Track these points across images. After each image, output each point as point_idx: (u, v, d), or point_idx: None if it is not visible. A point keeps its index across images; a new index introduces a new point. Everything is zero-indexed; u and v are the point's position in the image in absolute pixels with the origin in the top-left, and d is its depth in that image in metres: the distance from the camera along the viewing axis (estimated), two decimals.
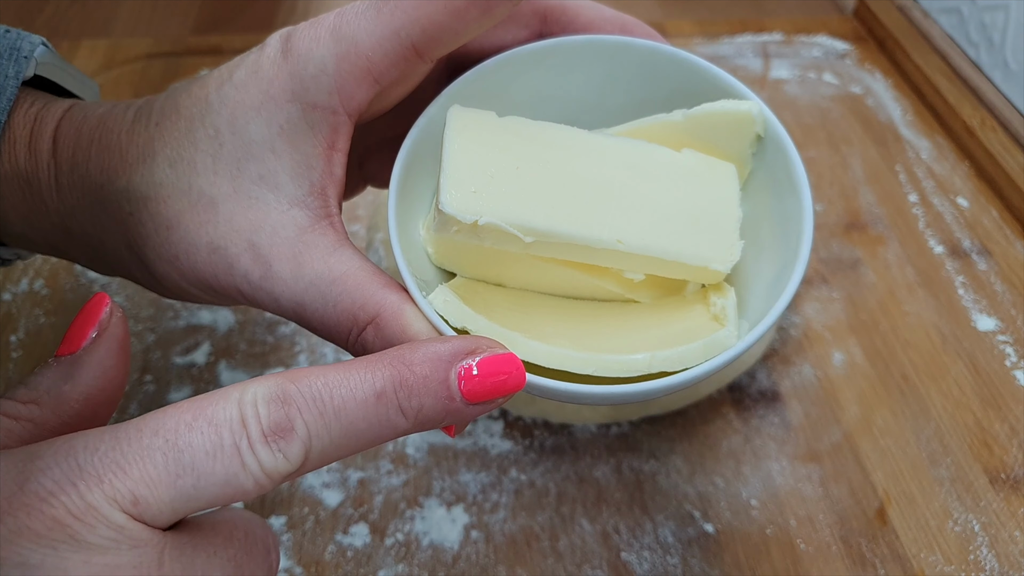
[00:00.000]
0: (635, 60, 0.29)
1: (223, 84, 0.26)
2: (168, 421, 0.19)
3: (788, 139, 0.27)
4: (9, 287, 0.44)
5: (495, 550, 0.35)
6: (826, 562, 0.35)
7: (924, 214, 0.50)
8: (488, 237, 0.25)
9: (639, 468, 0.38)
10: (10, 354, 0.41)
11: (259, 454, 0.19)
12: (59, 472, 0.18)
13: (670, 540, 0.36)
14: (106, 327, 0.23)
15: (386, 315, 0.24)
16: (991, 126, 0.54)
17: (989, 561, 0.35)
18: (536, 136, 0.27)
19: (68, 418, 0.22)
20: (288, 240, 0.25)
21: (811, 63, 0.62)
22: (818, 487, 0.37)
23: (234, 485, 0.19)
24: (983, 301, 0.45)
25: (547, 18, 0.29)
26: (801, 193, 0.26)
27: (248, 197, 0.25)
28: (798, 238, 0.26)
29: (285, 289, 0.25)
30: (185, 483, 0.19)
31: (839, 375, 0.42)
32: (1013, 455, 0.39)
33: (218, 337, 0.42)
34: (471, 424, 0.39)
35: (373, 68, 0.25)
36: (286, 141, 0.25)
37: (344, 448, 0.21)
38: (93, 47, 0.59)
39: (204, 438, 0.19)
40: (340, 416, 0.20)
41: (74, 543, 0.18)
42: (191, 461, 0.19)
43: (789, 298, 0.25)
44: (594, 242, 0.25)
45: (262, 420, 0.20)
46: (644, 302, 0.28)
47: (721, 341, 0.25)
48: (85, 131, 0.27)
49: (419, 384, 0.21)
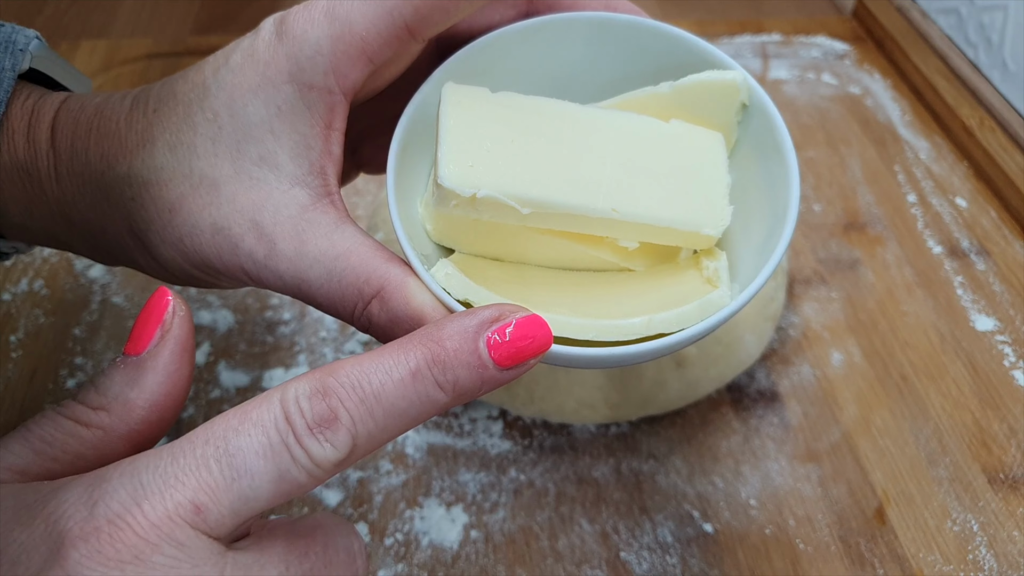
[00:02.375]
0: (622, 35, 0.30)
1: (219, 69, 0.26)
2: (217, 430, 0.20)
3: (773, 106, 0.28)
4: (8, 287, 0.44)
5: (494, 550, 0.35)
6: (825, 562, 0.35)
7: (923, 214, 0.50)
8: (486, 210, 0.26)
9: (638, 468, 0.38)
10: (10, 354, 0.41)
11: (308, 447, 0.20)
12: (125, 494, 0.19)
13: (669, 540, 0.36)
14: (169, 328, 0.23)
15: (390, 288, 0.25)
16: (989, 126, 0.54)
17: (988, 561, 0.35)
18: (529, 110, 0.27)
19: (135, 424, 0.23)
20: (291, 219, 0.25)
21: (810, 63, 0.62)
22: (817, 487, 0.38)
23: (288, 480, 0.20)
24: (982, 301, 0.45)
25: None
26: (787, 157, 0.27)
27: (249, 178, 0.26)
28: (785, 201, 0.26)
29: (289, 266, 0.25)
30: (241, 485, 0.20)
31: (838, 375, 0.42)
32: (1012, 455, 0.39)
33: (217, 337, 0.42)
34: (470, 424, 0.39)
35: (367, 48, 0.25)
36: (284, 122, 0.25)
37: (390, 429, 0.21)
38: (92, 47, 0.59)
39: (253, 440, 0.20)
40: (381, 399, 0.21)
41: (140, 564, 0.19)
42: (243, 463, 0.20)
43: (778, 260, 0.25)
44: (589, 211, 0.26)
45: (306, 415, 0.20)
46: (638, 270, 0.29)
47: (715, 302, 0.25)
48: (83, 120, 0.27)
49: (451, 358, 0.22)
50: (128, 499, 0.19)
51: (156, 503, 0.19)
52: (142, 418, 0.23)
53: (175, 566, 0.19)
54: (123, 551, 0.19)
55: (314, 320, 0.43)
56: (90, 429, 0.22)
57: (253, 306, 0.44)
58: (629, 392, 0.39)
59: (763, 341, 0.42)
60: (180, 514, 0.19)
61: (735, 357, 0.41)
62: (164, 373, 0.23)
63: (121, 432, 0.23)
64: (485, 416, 0.40)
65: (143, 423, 0.23)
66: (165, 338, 0.23)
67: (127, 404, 0.23)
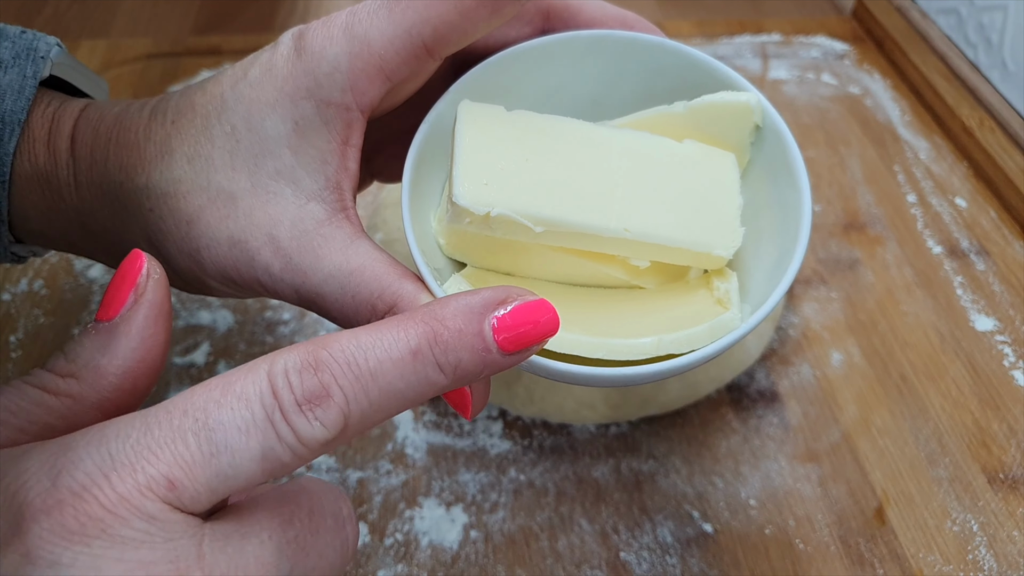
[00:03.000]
0: (637, 55, 0.30)
1: (238, 82, 0.26)
2: (197, 400, 0.19)
3: (786, 129, 0.28)
4: (8, 287, 0.44)
5: (494, 550, 0.35)
6: (825, 562, 0.35)
7: (922, 214, 0.50)
8: (499, 228, 0.26)
9: (638, 468, 0.38)
10: (9, 354, 0.41)
11: (294, 424, 0.19)
12: (91, 464, 0.18)
13: (669, 540, 0.36)
14: (143, 291, 0.22)
15: (403, 304, 0.25)
16: (989, 126, 0.54)
17: (987, 561, 0.35)
18: (544, 129, 0.27)
19: (107, 392, 0.21)
20: (307, 233, 0.26)
21: (810, 63, 0.62)
22: (817, 487, 0.38)
23: (271, 459, 0.19)
24: (981, 301, 0.45)
25: (550, 15, 0.30)
26: (799, 180, 0.27)
27: (266, 192, 0.26)
28: (797, 224, 0.26)
29: (305, 281, 0.26)
30: (220, 462, 0.18)
31: (838, 375, 0.42)
32: (1011, 455, 0.39)
33: (217, 337, 0.42)
34: (470, 424, 0.39)
35: (385, 66, 0.25)
36: (301, 137, 0.26)
37: (384, 410, 0.20)
38: (92, 47, 0.59)
39: (235, 414, 0.19)
40: (377, 378, 0.20)
41: (107, 538, 0.17)
42: (224, 439, 0.18)
43: (789, 282, 0.25)
44: (601, 231, 0.26)
45: (295, 389, 0.19)
46: (649, 288, 0.29)
47: (726, 323, 0.25)
48: (102, 130, 0.27)
49: (454, 338, 0.21)
50: (95, 470, 0.18)
51: (125, 476, 0.18)
52: (115, 385, 0.21)
53: (146, 540, 0.18)
54: (88, 525, 0.17)
55: (313, 320, 0.43)
56: (58, 397, 0.21)
57: (253, 306, 0.44)
58: (629, 392, 0.39)
59: (763, 341, 0.42)
60: (152, 488, 0.18)
61: (735, 357, 0.41)
62: (138, 338, 0.21)
63: (92, 400, 0.21)
64: (485, 416, 0.40)
65: (116, 391, 0.21)
66: (139, 302, 0.22)
67: (98, 371, 0.21)
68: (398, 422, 0.39)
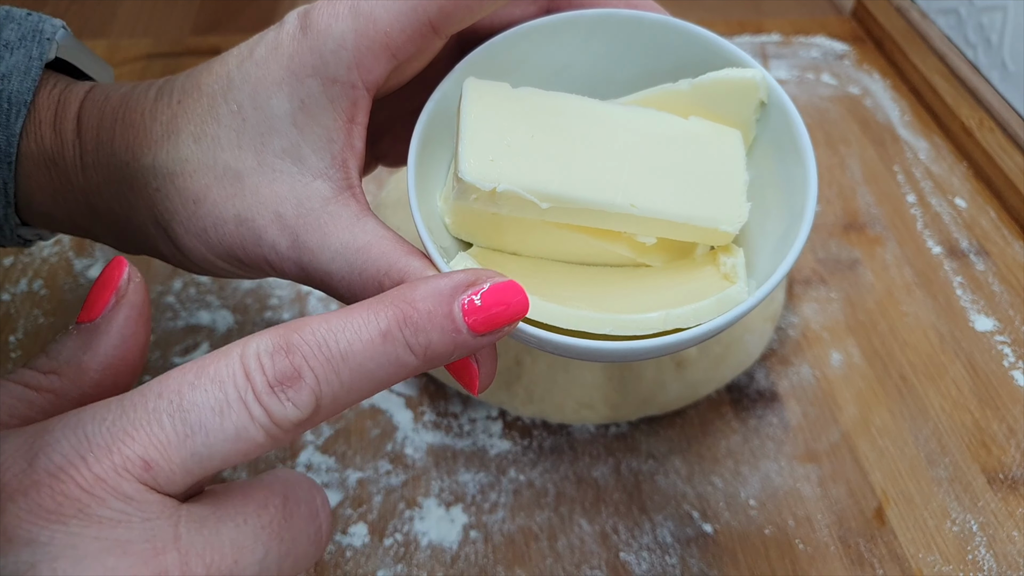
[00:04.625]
0: (641, 32, 0.30)
1: (243, 61, 0.26)
2: (171, 383, 0.19)
3: (791, 104, 0.28)
4: (8, 287, 0.44)
5: (494, 550, 0.35)
6: (824, 562, 0.35)
7: (922, 214, 0.50)
8: (505, 204, 0.26)
9: (638, 468, 0.38)
10: (9, 354, 0.41)
11: (267, 405, 0.19)
12: (67, 446, 0.18)
13: (669, 540, 0.36)
14: (124, 294, 0.23)
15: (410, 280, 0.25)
16: (989, 127, 0.54)
17: (987, 561, 0.35)
18: (549, 106, 0.27)
19: (88, 388, 0.22)
20: (313, 211, 0.26)
21: (809, 64, 0.62)
22: (816, 487, 0.38)
23: (245, 439, 0.19)
24: (981, 301, 0.45)
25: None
26: (805, 156, 0.27)
27: (272, 170, 0.26)
28: (803, 199, 0.26)
29: (312, 258, 0.26)
30: (195, 442, 0.19)
31: (837, 375, 0.42)
32: (1011, 455, 0.39)
33: (217, 337, 0.42)
34: (469, 424, 0.39)
35: (391, 43, 0.25)
36: (307, 115, 0.26)
37: (356, 391, 0.20)
38: (92, 47, 0.58)
39: (209, 395, 0.19)
40: (348, 359, 0.20)
41: (85, 518, 0.18)
42: (198, 420, 0.19)
43: (795, 257, 0.25)
44: (608, 206, 0.26)
45: (267, 371, 0.19)
46: (656, 265, 0.29)
47: (732, 297, 0.25)
48: (108, 111, 0.27)
49: (424, 320, 0.21)
50: (71, 451, 0.18)
51: (102, 456, 0.18)
52: (95, 381, 0.22)
53: (123, 520, 0.18)
54: (65, 504, 0.18)
55: None
56: (40, 393, 0.21)
57: (252, 306, 0.44)
58: (628, 392, 0.39)
59: (763, 341, 0.42)
60: (128, 468, 0.18)
61: (735, 357, 0.41)
62: (118, 336, 0.22)
63: (73, 396, 0.22)
64: (484, 416, 0.40)
65: (96, 387, 0.22)
66: (120, 303, 0.22)
67: (79, 367, 0.22)
68: (398, 422, 0.39)
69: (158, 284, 0.44)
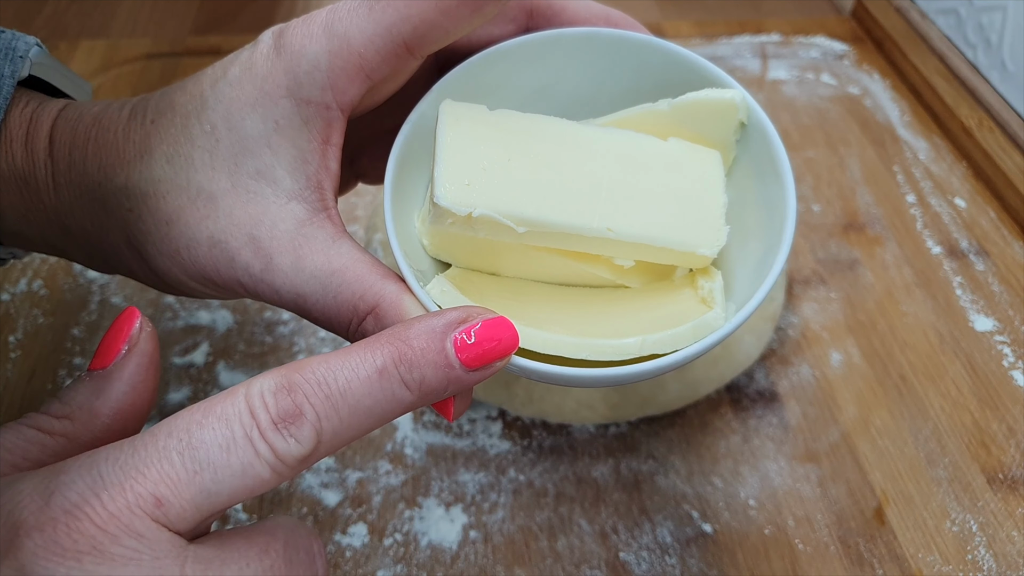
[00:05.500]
0: (621, 52, 0.30)
1: (217, 81, 0.26)
2: (180, 423, 0.20)
3: (771, 126, 0.28)
4: (7, 287, 0.44)
5: (494, 550, 0.35)
6: (824, 562, 0.35)
7: (922, 214, 0.50)
8: (482, 228, 0.26)
9: (637, 468, 0.38)
10: (8, 354, 0.41)
11: (271, 441, 0.20)
12: (83, 484, 0.19)
13: (668, 540, 0.36)
14: (136, 343, 0.23)
15: (385, 305, 0.25)
16: (988, 127, 0.54)
17: (987, 561, 0.35)
18: (526, 128, 0.27)
19: (99, 432, 0.23)
20: (287, 233, 0.25)
21: (809, 64, 0.62)
22: (816, 487, 0.38)
23: (251, 475, 0.20)
24: (981, 301, 0.45)
25: (534, 13, 0.30)
26: (784, 178, 0.27)
27: (246, 192, 0.26)
28: (782, 222, 0.26)
29: (286, 281, 0.26)
30: (204, 479, 0.19)
31: (837, 375, 0.42)
32: (1011, 455, 0.39)
33: (217, 337, 0.42)
34: (469, 424, 0.39)
35: (365, 64, 0.25)
36: (282, 136, 0.26)
37: (355, 427, 0.21)
38: (91, 47, 0.59)
39: (216, 433, 0.20)
40: (346, 396, 0.21)
41: (99, 555, 0.18)
42: (206, 457, 0.19)
43: (774, 280, 0.25)
44: (584, 231, 0.26)
45: (270, 410, 0.20)
46: (634, 287, 0.29)
47: (709, 323, 0.25)
48: (81, 129, 0.27)
49: (418, 357, 0.22)
50: (86, 490, 0.19)
51: (115, 494, 0.19)
52: (106, 426, 0.23)
53: (135, 557, 0.18)
54: (80, 542, 0.18)
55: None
56: (53, 437, 0.22)
57: (252, 306, 0.44)
58: (628, 392, 0.39)
59: (762, 341, 0.42)
60: (140, 506, 0.19)
61: (734, 357, 0.41)
62: (129, 384, 0.23)
63: (85, 440, 0.22)
64: (484, 416, 0.40)
65: (107, 431, 0.23)
66: (131, 352, 0.23)
67: (91, 412, 0.23)
68: (398, 423, 0.39)
69: None
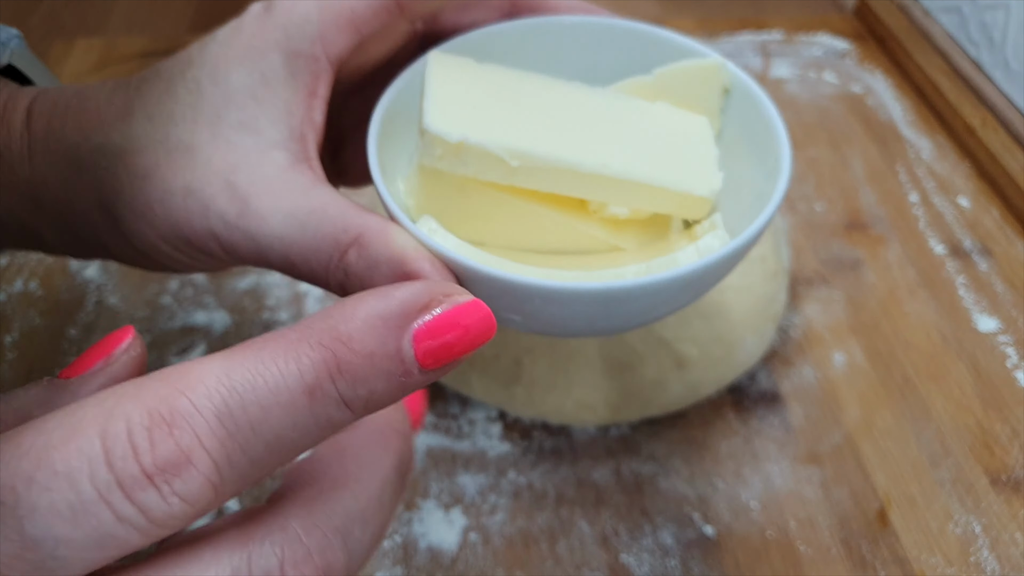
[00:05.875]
0: (601, 37, 0.30)
1: (206, 44, 0.26)
2: (4, 477, 0.14)
3: (755, 84, 0.28)
4: (3, 287, 0.44)
5: (493, 553, 0.35)
6: (826, 564, 0.35)
7: (925, 214, 0.50)
8: (473, 161, 0.25)
9: (638, 470, 0.38)
10: (4, 355, 0.41)
11: (140, 503, 0.14)
12: None
13: (669, 542, 0.35)
14: (113, 363, 0.19)
15: (370, 234, 0.23)
16: (992, 126, 0.53)
17: (990, 563, 0.35)
18: (517, 79, 0.28)
19: None
20: (266, 178, 0.25)
21: (811, 62, 0.61)
22: (818, 489, 0.37)
23: (114, 545, 0.14)
24: (984, 302, 0.45)
25: (516, 1, 0.30)
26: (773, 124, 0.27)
27: (227, 142, 0.25)
28: (776, 163, 0.26)
29: (262, 224, 0.24)
30: (39, 555, 0.14)
31: (839, 376, 0.42)
32: (1014, 456, 0.38)
33: (214, 338, 0.42)
34: (469, 426, 0.39)
35: (356, 17, 0.25)
36: (268, 88, 0.25)
37: (271, 465, 0.16)
38: (88, 45, 0.59)
39: (56, 497, 0.14)
40: (259, 431, 0.15)
41: None
42: (44, 529, 0.14)
43: (775, 207, 0.25)
44: (579, 166, 0.25)
45: (141, 457, 0.14)
46: (629, 249, 0.28)
47: (712, 244, 0.25)
48: (62, 102, 0.27)
49: (364, 365, 0.16)
50: None
51: None
52: None
53: None
54: None
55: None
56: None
57: (250, 307, 0.43)
58: (629, 393, 0.39)
59: (764, 342, 0.42)
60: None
61: (736, 358, 0.41)
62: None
63: None
64: (484, 418, 0.39)
65: None
66: (103, 370, 0.19)
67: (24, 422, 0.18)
68: None
69: (155, 284, 0.44)
